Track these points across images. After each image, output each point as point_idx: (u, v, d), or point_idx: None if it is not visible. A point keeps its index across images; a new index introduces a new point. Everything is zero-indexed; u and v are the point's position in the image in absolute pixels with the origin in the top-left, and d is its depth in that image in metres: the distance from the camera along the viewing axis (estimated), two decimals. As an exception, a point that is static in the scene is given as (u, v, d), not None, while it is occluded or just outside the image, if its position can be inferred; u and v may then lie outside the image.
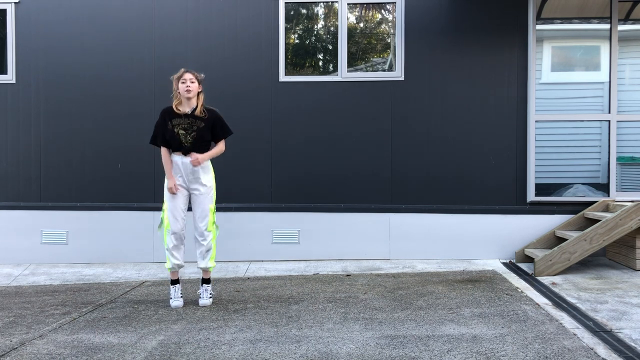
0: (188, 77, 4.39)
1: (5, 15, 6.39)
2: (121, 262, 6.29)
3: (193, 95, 4.40)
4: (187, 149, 4.40)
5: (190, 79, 4.38)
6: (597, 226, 5.19)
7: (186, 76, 4.39)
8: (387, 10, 6.33)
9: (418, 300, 4.49)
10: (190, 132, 4.38)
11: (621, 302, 4.28)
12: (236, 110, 6.24)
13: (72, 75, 6.36)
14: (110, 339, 3.68)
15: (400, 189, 6.13)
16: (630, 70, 6.03)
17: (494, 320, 3.88)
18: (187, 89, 4.36)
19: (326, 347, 3.41)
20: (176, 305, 4.50)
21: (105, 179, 6.33)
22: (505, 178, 6.05)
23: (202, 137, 4.42)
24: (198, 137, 4.40)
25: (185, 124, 4.38)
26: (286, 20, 6.26)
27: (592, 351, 3.26)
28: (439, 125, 6.11)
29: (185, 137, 4.37)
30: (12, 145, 6.42)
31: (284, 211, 6.20)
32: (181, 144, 4.38)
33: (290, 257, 6.20)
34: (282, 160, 6.22)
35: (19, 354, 3.42)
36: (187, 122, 4.39)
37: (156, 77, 6.26)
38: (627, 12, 5.97)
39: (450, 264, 5.87)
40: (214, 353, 3.37)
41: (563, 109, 6.03)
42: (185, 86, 4.36)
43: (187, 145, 4.39)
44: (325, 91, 6.20)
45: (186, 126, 4.38)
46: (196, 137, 4.39)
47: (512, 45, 6.03)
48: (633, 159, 5.98)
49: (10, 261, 6.34)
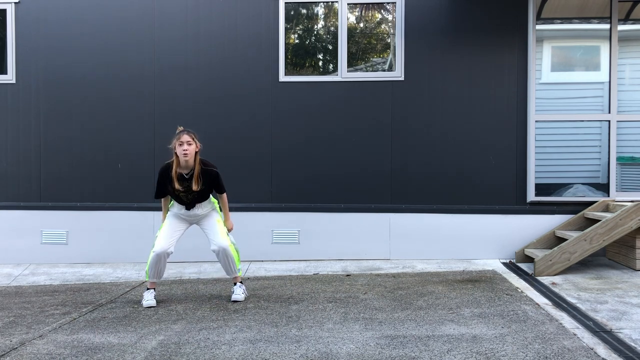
0: (185, 139, 4.38)
1: (5, 15, 6.39)
2: (121, 262, 6.29)
3: (190, 157, 4.42)
4: (189, 204, 4.55)
5: (187, 142, 4.38)
6: (597, 226, 5.19)
7: (183, 138, 4.39)
8: (387, 10, 6.33)
9: (418, 300, 4.49)
10: (190, 193, 4.49)
11: (621, 302, 4.28)
12: (236, 110, 6.25)
13: (72, 75, 6.36)
14: (110, 339, 3.68)
15: (401, 189, 6.14)
16: (630, 70, 6.03)
17: (494, 320, 3.88)
18: (184, 152, 4.37)
19: (326, 347, 3.41)
20: (148, 304, 4.51)
21: (105, 179, 6.33)
22: (505, 178, 6.05)
23: (201, 196, 4.55)
24: (199, 195, 4.53)
25: (184, 188, 4.47)
26: (286, 20, 6.26)
27: (592, 351, 3.26)
28: (439, 125, 6.11)
29: (186, 197, 4.51)
30: (12, 145, 6.42)
31: (284, 211, 6.20)
32: (182, 202, 4.55)
33: (290, 257, 6.20)
34: (282, 160, 6.22)
35: (19, 354, 3.42)
36: (185, 185, 4.46)
37: (156, 77, 6.27)
38: (627, 12, 5.97)
39: (450, 264, 5.87)
40: (214, 353, 3.37)
41: (563, 109, 6.03)
42: (182, 150, 4.37)
43: (188, 203, 4.54)
44: (325, 91, 6.20)
45: (185, 189, 4.48)
46: (196, 197, 4.53)
47: (512, 45, 6.03)
48: (633, 159, 5.98)
49: (10, 261, 6.34)
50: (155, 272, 4.57)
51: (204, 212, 4.63)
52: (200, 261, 6.17)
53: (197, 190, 4.47)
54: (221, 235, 4.56)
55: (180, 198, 4.52)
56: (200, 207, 4.59)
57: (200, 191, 4.50)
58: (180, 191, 4.47)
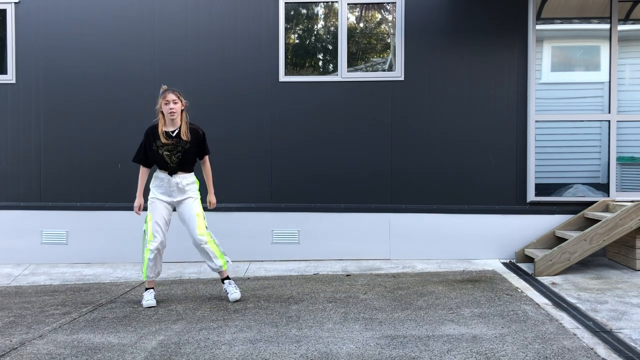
0: (171, 97, 4.36)
1: (5, 15, 6.39)
2: (121, 262, 6.29)
3: (176, 116, 4.41)
4: (173, 169, 4.47)
5: (173, 100, 4.37)
6: (597, 226, 5.19)
7: (169, 97, 4.37)
8: (387, 10, 6.33)
9: (418, 300, 4.49)
10: (175, 152, 4.43)
11: (621, 302, 4.28)
12: (236, 110, 6.25)
13: (72, 75, 6.37)
14: (110, 339, 3.68)
15: (401, 189, 6.14)
16: (630, 70, 6.03)
17: (494, 320, 3.88)
18: (170, 110, 4.36)
19: (326, 347, 3.41)
20: (149, 304, 4.48)
21: (105, 179, 6.33)
22: (505, 178, 6.05)
23: (187, 158, 4.48)
24: (183, 157, 4.46)
25: (169, 146, 4.41)
26: (286, 20, 6.26)
27: (592, 351, 3.26)
28: (438, 125, 6.11)
29: (170, 158, 4.43)
30: (12, 145, 6.42)
31: (284, 211, 6.20)
32: (167, 164, 4.45)
33: (290, 257, 6.20)
34: (282, 160, 6.22)
35: (19, 354, 3.42)
36: (171, 143, 4.41)
37: (156, 77, 6.26)
38: (627, 12, 5.97)
39: (450, 264, 5.87)
40: (214, 353, 3.37)
41: (563, 109, 6.03)
42: (168, 108, 4.36)
43: (172, 166, 4.46)
44: (325, 91, 6.20)
45: (170, 147, 4.42)
46: (181, 158, 4.45)
47: (512, 45, 6.03)
48: (633, 159, 5.98)
49: (10, 261, 6.34)
50: (153, 269, 4.54)
51: (185, 185, 4.48)
52: (200, 261, 6.16)
53: (185, 149, 4.40)
54: (199, 230, 4.49)
55: (165, 160, 4.42)
56: (182, 177, 4.48)
57: (187, 151, 4.43)
58: (165, 148, 4.39)
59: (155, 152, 4.45)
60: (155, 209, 4.51)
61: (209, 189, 4.73)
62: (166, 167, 4.46)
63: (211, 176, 4.73)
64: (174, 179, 4.48)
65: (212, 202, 4.73)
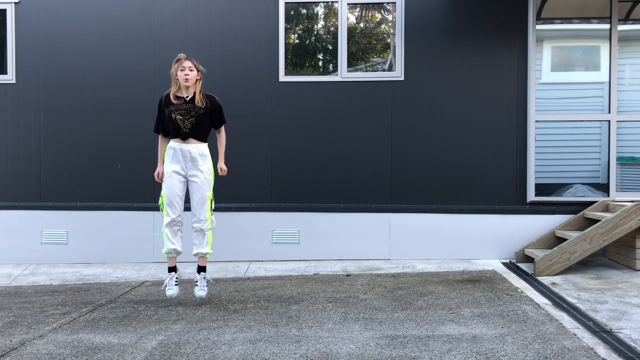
0: (187, 65, 4.33)
1: (5, 15, 6.39)
2: (121, 262, 6.29)
3: (191, 84, 4.36)
4: (186, 134, 4.35)
5: (189, 67, 4.33)
6: (597, 226, 5.19)
7: (185, 64, 4.33)
8: (387, 10, 6.33)
9: (418, 300, 4.49)
10: (188, 117, 4.33)
11: (621, 302, 4.28)
12: (236, 110, 6.24)
13: (72, 75, 6.36)
14: (110, 339, 3.68)
15: (400, 189, 6.14)
16: (630, 70, 6.03)
17: (494, 320, 3.88)
18: (185, 77, 4.32)
19: (326, 347, 3.41)
20: (170, 294, 4.42)
21: (105, 179, 6.33)
22: (505, 178, 6.05)
23: (201, 123, 4.38)
24: (197, 122, 4.36)
25: (182, 109, 4.33)
26: (286, 20, 6.26)
27: (592, 351, 3.26)
28: (438, 125, 6.11)
29: (184, 123, 4.33)
30: (12, 145, 6.42)
31: (284, 211, 6.20)
32: (179, 129, 4.33)
33: (290, 257, 6.20)
34: (282, 160, 6.22)
35: (19, 354, 3.42)
36: (184, 107, 4.34)
37: (156, 77, 6.26)
38: (627, 12, 5.97)
39: (450, 264, 5.87)
40: (214, 353, 3.37)
41: (563, 109, 6.03)
42: (184, 74, 4.32)
43: (185, 131, 4.34)
44: (325, 91, 6.20)
45: (183, 112, 4.33)
46: (195, 123, 4.35)
47: (512, 45, 6.03)
48: (633, 159, 5.98)
49: (10, 261, 6.34)
50: (171, 244, 4.36)
51: (197, 156, 4.37)
52: (200, 261, 6.17)
53: (199, 114, 4.32)
54: (206, 213, 4.40)
55: (177, 123, 4.31)
56: (195, 146, 4.37)
57: (201, 117, 4.35)
58: (178, 112, 4.30)
59: (168, 118, 4.35)
60: (168, 184, 4.38)
61: (220, 156, 4.63)
62: (179, 132, 4.33)
63: (225, 144, 4.64)
64: (187, 146, 4.35)
65: (223, 168, 4.61)
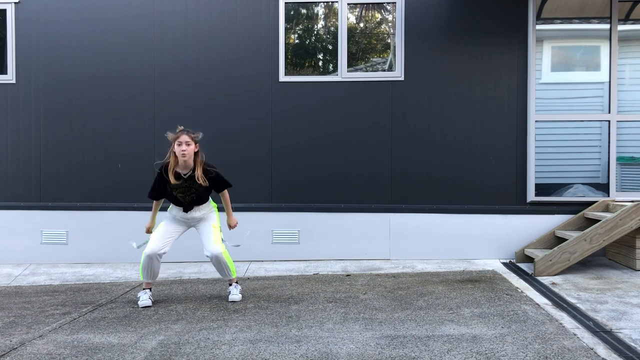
0: (184, 139, 4.32)
1: (5, 15, 6.39)
2: (121, 262, 6.29)
3: (188, 158, 4.36)
4: (187, 207, 4.52)
5: (186, 142, 4.32)
6: (597, 226, 5.19)
7: (182, 138, 4.32)
8: (387, 10, 6.33)
9: (418, 300, 4.49)
10: (189, 194, 4.46)
11: (621, 302, 4.27)
12: (236, 110, 6.25)
13: (72, 75, 6.36)
14: (110, 339, 3.68)
15: (400, 189, 6.14)
16: (630, 70, 6.03)
17: (494, 320, 3.88)
18: (182, 152, 4.32)
19: (326, 347, 3.41)
20: (144, 304, 4.49)
21: (105, 179, 6.33)
22: (505, 178, 6.05)
23: (200, 197, 4.52)
24: (197, 197, 4.50)
25: (182, 187, 4.43)
26: (286, 20, 6.26)
27: (592, 351, 3.26)
28: (438, 125, 6.11)
29: (184, 198, 4.48)
30: (12, 145, 6.42)
31: (284, 211, 6.20)
32: (180, 203, 4.51)
33: (290, 257, 6.20)
34: (282, 160, 6.23)
35: (19, 354, 3.42)
36: (184, 185, 4.43)
37: (156, 77, 6.27)
38: (627, 12, 5.97)
39: (450, 264, 5.87)
40: (214, 353, 3.37)
41: (563, 109, 6.03)
42: (181, 149, 4.32)
43: (186, 204, 4.51)
44: (325, 91, 6.20)
45: (184, 189, 4.44)
46: (195, 198, 4.49)
47: (512, 45, 6.03)
48: (633, 159, 5.98)
49: (10, 261, 6.34)
50: (149, 273, 4.54)
51: (202, 215, 4.59)
52: (200, 261, 6.17)
53: (199, 191, 4.44)
54: (214, 241, 4.50)
55: (178, 199, 4.48)
56: (198, 209, 4.56)
57: (202, 192, 4.47)
58: (178, 190, 4.42)
59: (169, 193, 4.49)
60: (168, 220, 4.62)
61: (228, 214, 4.74)
62: (180, 205, 4.52)
63: (229, 203, 4.72)
64: (190, 214, 4.56)
65: (232, 225, 4.73)
